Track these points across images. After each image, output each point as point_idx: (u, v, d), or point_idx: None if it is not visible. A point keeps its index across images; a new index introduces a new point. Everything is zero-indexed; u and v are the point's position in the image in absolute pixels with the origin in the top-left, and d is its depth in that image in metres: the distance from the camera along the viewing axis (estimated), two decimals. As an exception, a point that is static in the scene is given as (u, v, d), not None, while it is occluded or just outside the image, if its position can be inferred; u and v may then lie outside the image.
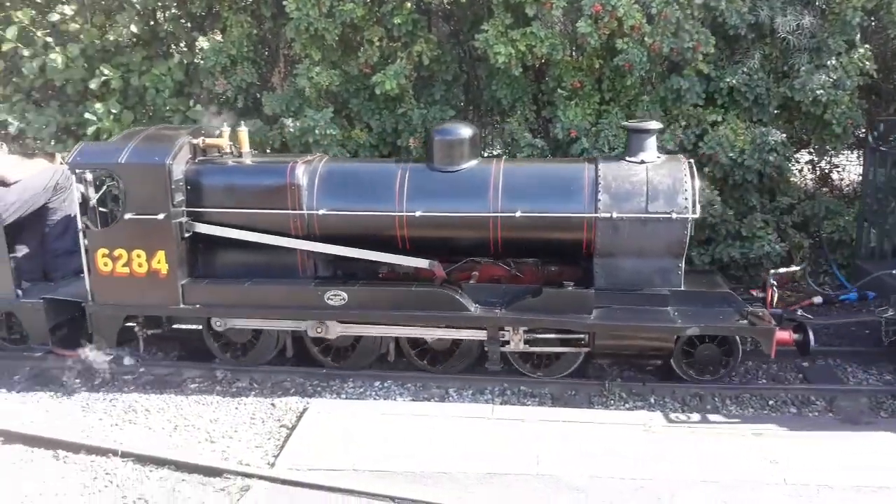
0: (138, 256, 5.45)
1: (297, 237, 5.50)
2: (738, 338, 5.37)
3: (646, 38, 7.07)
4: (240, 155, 5.81)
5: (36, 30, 7.81)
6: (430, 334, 5.48)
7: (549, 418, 4.97)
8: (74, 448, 4.77)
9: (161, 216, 5.35)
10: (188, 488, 4.37)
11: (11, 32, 7.64)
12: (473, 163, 5.56)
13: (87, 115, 7.75)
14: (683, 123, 7.38)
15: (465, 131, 5.59)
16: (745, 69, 7.16)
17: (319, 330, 5.47)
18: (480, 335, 5.43)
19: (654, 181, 5.30)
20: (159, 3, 8.24)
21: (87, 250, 5.51)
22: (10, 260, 5.79)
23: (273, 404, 5.30)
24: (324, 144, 7.49)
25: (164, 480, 4.45)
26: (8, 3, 8.67)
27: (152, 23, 8.42)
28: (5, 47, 7.81)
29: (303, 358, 5.84)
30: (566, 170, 5.64)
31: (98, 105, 7.81)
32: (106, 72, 7.83)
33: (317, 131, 7.44)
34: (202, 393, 5.54)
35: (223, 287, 5.56)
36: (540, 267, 5.92)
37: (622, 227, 5.25)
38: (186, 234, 5.51)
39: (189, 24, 8.71)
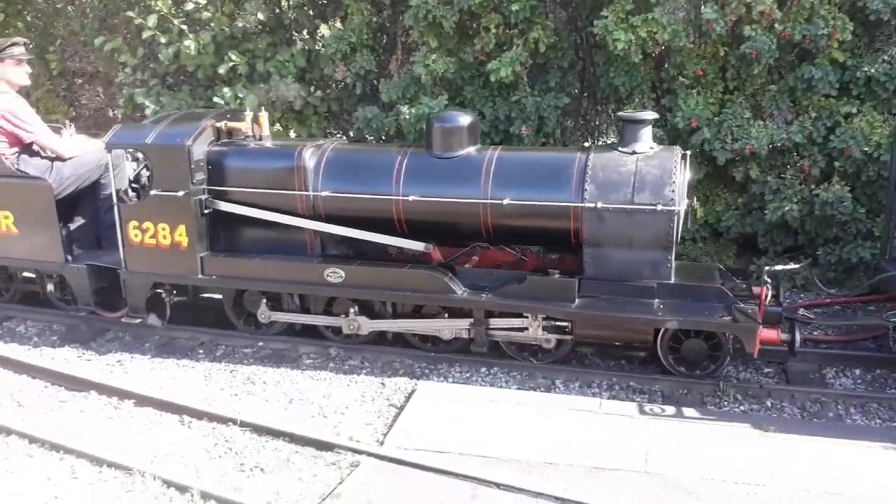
0: (163, 229, 5.88)
1: (303, 216, 5.78)
2: (726, 335, 5.17)
3: (776, 25, 6.73)
4: (260, 138, 6.10)
5: (173, 18, 8.27)
6: (438, 328, 5.67)
7: (658, 415, 4.86)
8: (198, 415, 5.06)
9: (181, 193, 5.73)
10: (301, 460, 4.55)
11: (152, 21, 8.12)
12: (470, 150, 5.62)
13: (215, 99, 8.15)
14: (813, 115, 6.98)
15: (464, 119, 5.64)
16: (886, 57, 6.69)
17: (353, 327, 5.78)
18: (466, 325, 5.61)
19: (642, 172, 5.18)
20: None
21: (120, 222, 5.98)
22: (60, 229, 6.29)
23: (383, 383, 5.44)
24: (438, 131, 7.56)
25: (279, 451, 4.65)
26: (148, -7, 9.25)
27: (277, 11, 8.72)
28: (145, 35, 8.32)
29: (313, 333, 6.17)
30: (557, 159, 5.58)
31: (226, 89, 8.19)
32: (234, 58, 8.19)
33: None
34: (316, 369, 5.75)
35: (236, 261, 5.94)
36: (542, 255, 5.95)
37: (608, 217, 5.18)
38: (206, 211, 5.86)
39: (311, 12, 8.97)
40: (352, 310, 5.78)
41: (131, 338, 6.41)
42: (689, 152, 5.49)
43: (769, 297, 5.15)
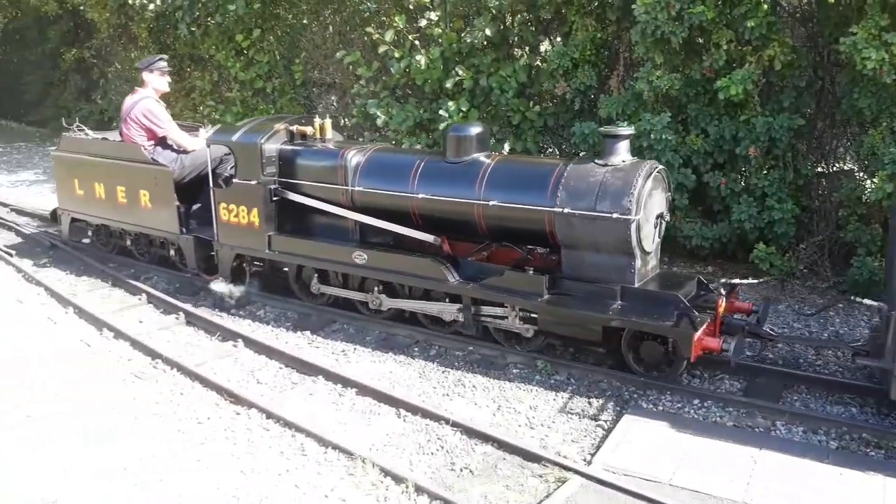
0: (243, 211, 7.17)
1: (344, 207, 6.83)
2: (678, 339, 5.31)
3: None
4: (325, 141, 7.15)
5: (408, 34, 8.81)
6: (441, 310, 6.43)
7: (896, 474, 4.42)
8: (413, 409, 5.35)
9: (254, 182, 7.00)
10: (508, 468, 4.67)
11: (389, 36, 8.73)
12: (475, 156, 6.29)
13: (440, 112, 8.58)
14: None
15: (473, 129, 6.39)
16: None
17: (375, 303, 6.78)
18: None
19: (607, 182, 5.61)
20: (511, 8, 8.76)
21: (215, 203, 7.31)
22: (178, 207, 7.69)
23: (589, 402, 5.43)
24: (658, 149, 7.42)
25: (487, 456, 4.80)
26: (383, 11, 9.93)
27: (502, 26, 8.99)
28: (381, 49, 8.95)
29: (351, 308, 7.08)
30: (541, 167, 6.22)
31: (450, 103, 8.60)
32: (460, 72, 8.57)
33: (652, 136, 7.40)
34: (522, 379, 5.85)
35: (293, 240, 7.08)
36: (547, 255, 6.52)
37: (576, 222, 5.68)
38: (275, 199, 7.03)
39: (534, 28, 9.15)
40: (376, 288, 6.73)
41: (354, 330, 6.91)
42: (662, 167, 5.89)
43: (724, 308, 5.54)
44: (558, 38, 9.33)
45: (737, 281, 5.89)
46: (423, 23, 8.87)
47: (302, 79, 11.50)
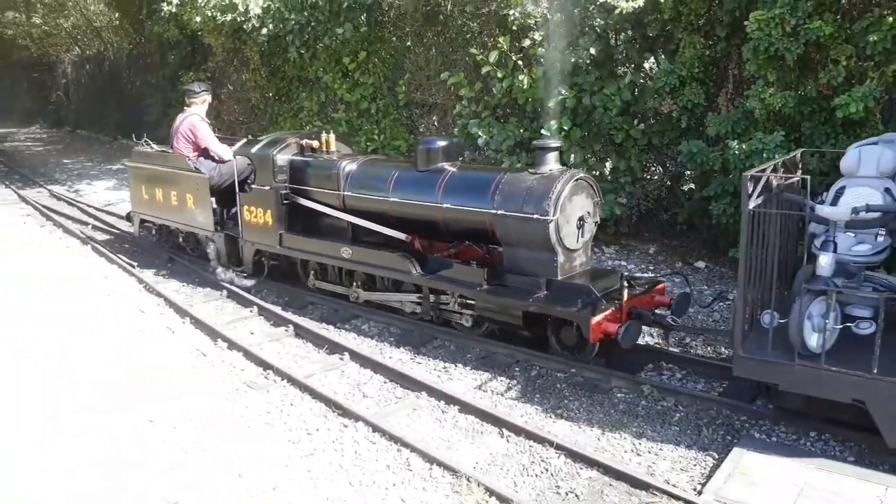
0: (260, 212, 8.30)
1: (338, 210, 7.82)
2: (580, 323, 5.94)
3: None
4: (328, 152, 8.15)
5: (511, 55, 8.88)
6: (405, 299, 7.48)
7: None
8: (516, 430, 5.34)
9: (267, 188, 8.15)
10: (615, 494, 4.60)
11: (493, 57, 8.82)
12: (441, 165, 7.15)
13: (543, 131, 8.58)
14: None
15: (440, 143, 7.30)
16: None
17: (354, 296, 7.90)
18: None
19: (532, 188, 6.36)
20: (617, 26, 8.70)
21: (240, 205, 8.50)
22: (213, 209, 8.89)
23: (699, 431, 5.28)
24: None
25: (593, 482, 4.74)
26: (486, 32, 10.04)
27: (607, 45, 8.92)
28: (484, 70, 9.05)
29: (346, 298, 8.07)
30: (486, 175, 6.93)
31: (552, 122, 8.60)
32: (563, 91, 8.56)
33: (764, 155, 7.16)
34: (627, 405, 5.75)
35: (298, 238, 8.16)
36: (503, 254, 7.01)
37: (508, 222, 6.46)
38: (285, 202, 8.15)
39: (639, 46, 9.04)
40: (354, 283, 7.85)
41: (455, 347, 6.99)
42: (585, 175, 6.55)
43: (626, 298, 6.01)
44: (663, 56, 9.18)
45: (637, 274, 7.37)
46: (526, 43, 8.91)
47: (405, 100, 11.76)
